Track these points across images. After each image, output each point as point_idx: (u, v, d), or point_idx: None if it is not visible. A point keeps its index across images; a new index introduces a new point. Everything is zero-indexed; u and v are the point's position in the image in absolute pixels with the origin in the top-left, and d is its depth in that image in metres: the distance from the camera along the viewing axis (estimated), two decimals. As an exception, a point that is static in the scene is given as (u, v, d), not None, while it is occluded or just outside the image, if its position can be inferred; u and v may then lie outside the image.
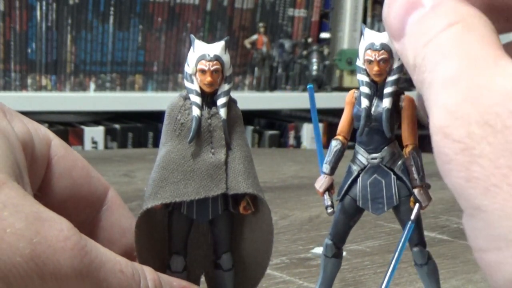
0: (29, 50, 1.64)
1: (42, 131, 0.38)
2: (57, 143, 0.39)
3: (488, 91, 0.24)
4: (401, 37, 0.30)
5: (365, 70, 0.38)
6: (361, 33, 0.39)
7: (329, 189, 0.39)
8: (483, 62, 0.25)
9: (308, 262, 0.58)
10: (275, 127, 1.98)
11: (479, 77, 0.25)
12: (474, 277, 0.55)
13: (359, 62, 0.38)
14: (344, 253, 0.42)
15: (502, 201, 0.23)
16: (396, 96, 0.38)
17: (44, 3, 1.63)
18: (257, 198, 0.38)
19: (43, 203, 0.31)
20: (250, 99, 1.80)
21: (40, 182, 0.38)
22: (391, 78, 0.38)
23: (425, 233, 0.41)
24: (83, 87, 1.70)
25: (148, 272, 0.34)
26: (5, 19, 1.60)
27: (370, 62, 0.37)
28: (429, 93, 0.27)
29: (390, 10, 0.31)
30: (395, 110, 0.38)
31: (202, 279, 0.42)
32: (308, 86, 0.40)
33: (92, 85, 1.71)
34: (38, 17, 1.63)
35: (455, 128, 0.25)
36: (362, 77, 0.38)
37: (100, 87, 1.73)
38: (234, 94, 0.38)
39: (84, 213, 0.40)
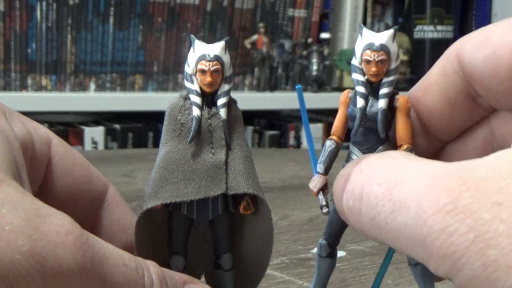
0: (29, 50, 1.64)
1: (42, 131, 0.38)
2: (57, 143, 0.39)
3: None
4: None
5: (362, 69, 0.37)
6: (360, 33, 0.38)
7: (324, 189, 0.38)
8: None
9: (308, 262, 0.58)
10: (275, 127, 1.98)
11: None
12: (474, 277, 0.55)
13: (355, 61, 0.37)
14: (344, 253, 0.42)
15: None
16: (390, 96, 0.38)
17: (44, 3, 1.63)
18: (257, 198, 0.38)
19: (43, 201, 0.31)
20: (250, 99, 1.80)
21: (41, 182, 0.38)
22: (388, 79, 0.37)
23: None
24: (83, 87, 1.70)
25: (151, 266, 0.33)
26: (5, 19, 1.60)
27: (368, 62, 0.37)
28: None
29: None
30: (389, 110, 0.38)
31: (202, 279, 0.42)
32: (296, 87, 0.39)
33: (92, 85, 1.71)
34: (38, 17, 1.63)
35: (459, 223, 0.24)
36: (357, 77, 0.37)
37: (100, 87, 1.73)
38: (234, 94, 0.38)
39: (84, 211, 0.40)
